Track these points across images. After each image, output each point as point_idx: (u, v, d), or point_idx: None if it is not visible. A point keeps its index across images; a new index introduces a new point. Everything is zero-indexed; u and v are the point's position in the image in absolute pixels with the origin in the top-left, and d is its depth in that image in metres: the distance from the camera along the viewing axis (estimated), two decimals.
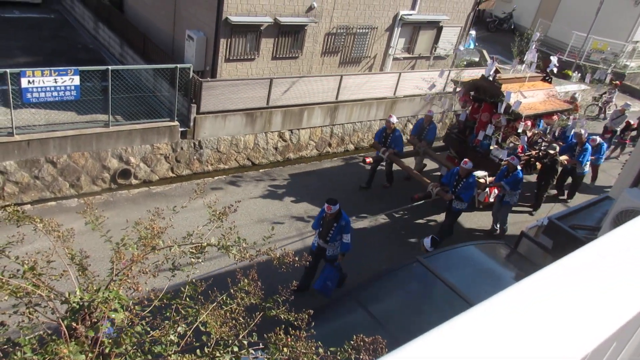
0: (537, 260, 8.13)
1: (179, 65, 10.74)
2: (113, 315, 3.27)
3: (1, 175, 9.42)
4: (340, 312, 6.50)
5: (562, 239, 8.12)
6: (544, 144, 12.26)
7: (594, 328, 1.14)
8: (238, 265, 4.06)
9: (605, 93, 18.56)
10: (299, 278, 8.15)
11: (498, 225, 11.02)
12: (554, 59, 12.04)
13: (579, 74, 14.51)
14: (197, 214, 9.04)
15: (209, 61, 11.94)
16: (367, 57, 14.60)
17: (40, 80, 9.24)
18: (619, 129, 15.62)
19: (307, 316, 3.87)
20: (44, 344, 3.19)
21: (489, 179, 10.81)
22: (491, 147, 11.10)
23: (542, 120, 12.13)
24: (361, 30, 13.88)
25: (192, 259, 4.01)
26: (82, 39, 15.37)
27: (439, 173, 12.41)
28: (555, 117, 11.82)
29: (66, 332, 3.27)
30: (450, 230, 10.34)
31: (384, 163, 11.83)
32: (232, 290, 3.96)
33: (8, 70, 8.87)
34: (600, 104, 18.77)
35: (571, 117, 12.45)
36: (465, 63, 17.33)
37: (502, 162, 10.88)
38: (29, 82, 9.13)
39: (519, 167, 10.35)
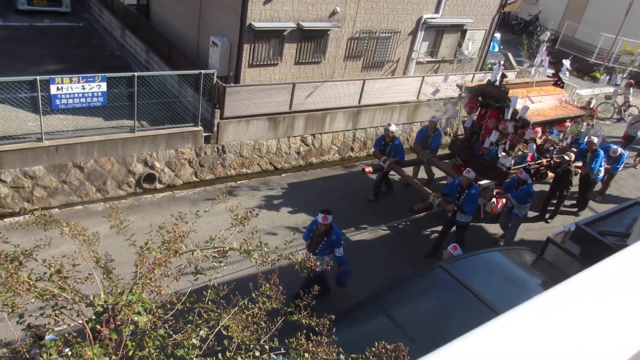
0: (564, 267, 7.95)
1: (203, 71, 10.86)
2: (136, 318, 3.30)
3: (30, 179, 9.65)
4: (362, 318, 6.45)
5: (590, 245, 7.92)
6: (556, 151, 11.63)
7: (629, 338, 1.08)
8: (260, 269, 4.05)
9: (621, 94, 18.01)
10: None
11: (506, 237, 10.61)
12: (566, 63, 11.44)
13: (608, 77, 14.00)
14: (220, 218, 9.10)
15: (232, 66, 12.06)
16: (389, 61, 14.54)
17: (69, 87, 9.45)
18: (638, 134, 15.14)
19: (328, 322, 3.84)
20: (69, 346, 3.24)
21: (495, 190, 10.39)
22: (499, 155, 10.50)
23: (555, 128, 11.68)
24: (384, 35, 13.83)
25: (215, 263, 4.03)
26: (110, 46, 15.71)
27: (445, 182, 11.98)
28: (568, 124, 11.22)
29: (90, 334, 3.32)
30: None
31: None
32: (253, 295, 3.96)
33: (38, 78, 9.09)
34: (616, 105, 18.24)
35: (585, 123, 11.79)
36: (489, 66, 17.12)
37: (510, 172, 10.44)
38: (57, 88, 9.33)
39: (529, 181, 9.90)
